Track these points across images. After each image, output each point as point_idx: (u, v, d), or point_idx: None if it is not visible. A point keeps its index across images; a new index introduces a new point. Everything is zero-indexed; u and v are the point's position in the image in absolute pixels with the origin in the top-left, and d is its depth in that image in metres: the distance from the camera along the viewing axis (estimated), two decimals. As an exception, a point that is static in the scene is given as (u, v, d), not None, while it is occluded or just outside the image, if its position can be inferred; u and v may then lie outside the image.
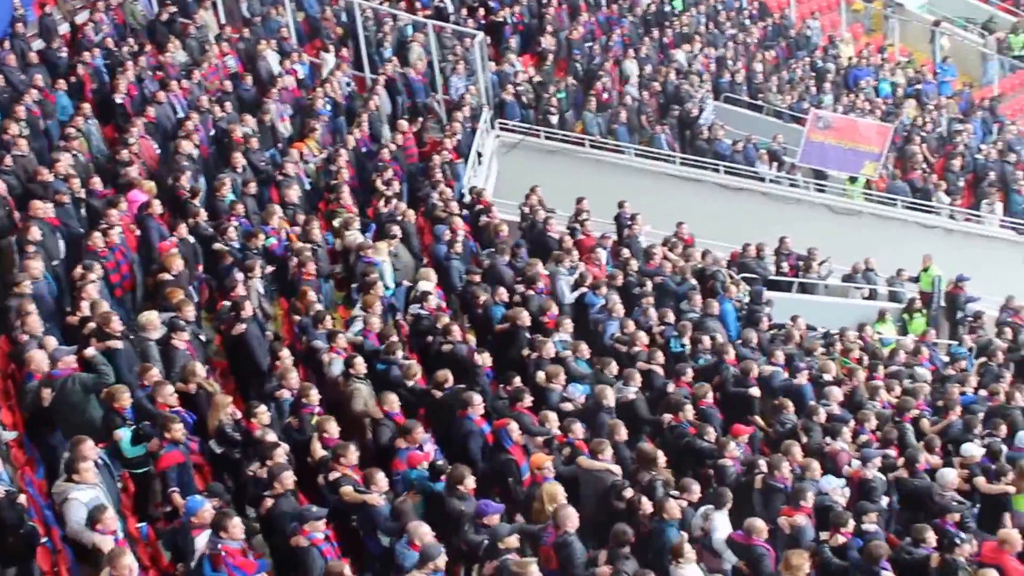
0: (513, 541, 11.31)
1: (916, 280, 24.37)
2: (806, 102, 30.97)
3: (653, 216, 22.61)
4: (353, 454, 12.29)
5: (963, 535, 12.68)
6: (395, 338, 15.00)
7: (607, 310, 17.59)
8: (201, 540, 10.61)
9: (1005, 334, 21.27)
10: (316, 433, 12.74)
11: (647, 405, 15.14)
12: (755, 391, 16.03)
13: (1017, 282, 24.74)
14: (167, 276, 15.14)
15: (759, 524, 12.19)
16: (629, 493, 12.65)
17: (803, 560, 11.67)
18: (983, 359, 19.94)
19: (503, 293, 17.08)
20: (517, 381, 14.57)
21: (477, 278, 17.40)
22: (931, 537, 12.57)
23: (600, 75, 28.74)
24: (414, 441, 12.85)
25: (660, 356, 16.32)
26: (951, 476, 14.18)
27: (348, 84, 24.65)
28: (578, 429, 13.67)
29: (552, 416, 13.90)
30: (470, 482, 12.18)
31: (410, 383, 14.26)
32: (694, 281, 19.73)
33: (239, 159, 19.03)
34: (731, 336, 18.31)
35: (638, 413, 14.80)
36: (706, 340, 17.10)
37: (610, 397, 14.52)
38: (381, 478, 11.97)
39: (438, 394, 14.16)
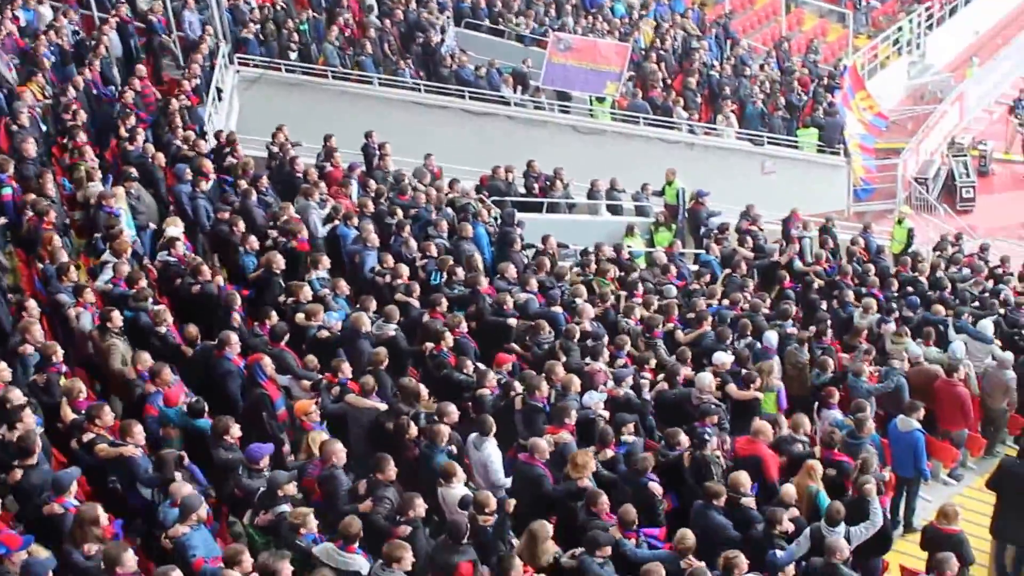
0: (291, 488, 11.23)
1: (661, 194, 25.03)
2: (546, 25, 31.25)
3: (401, 145, 22.58)
4: (108, 415, 11.91)
5: (710, 431, 13.19)
6: (144, 283, 14.56)
7: (362, 240, 17.46)
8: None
9: (747, 243, 22.08)
10: (64, 398, 12.28)
11: (406, 336, 15.14)
12: (512, 320, 16.21)
13: (755, 191, 25.75)
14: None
15: (542, 444, 12.43)
16: (396, 423, 12.73)
17: (588, 458, 12.01)
18: (727, 270, 20.64)
19: (254, 241, 16.73)
20: (274, 318, 14.38)
21: (226, 215, 17.02)
22: (684, 439, 13.07)
23: (341, 6, 28.33)
24: (164, 383, 12.56)
25: (417, 288, 16.33)
26: (707, 380, 14.67)
27: (75, 32, 23.55)
28: (346, 368, 13.58)
29: (314, 360, 13.80)
30: (235, 431, 12.01)
31: (161, 329, 13.92)
32: (448, 210, 19.77)
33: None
34: (486, 260, 18.45)
35: (399, 348, 14.78)
36: (460, 271, 17.18)
37: (367, 323, 14.51)
38: (138, 431, 11.66)
39: (189, 351, 13.88)
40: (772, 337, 16.50)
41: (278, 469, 11.72)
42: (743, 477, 12.27)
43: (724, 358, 15.58)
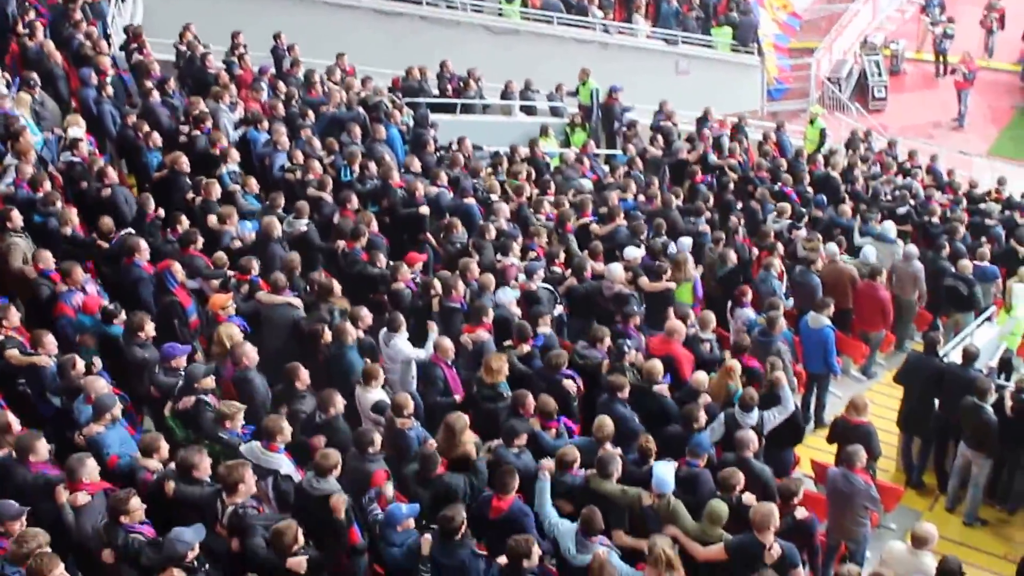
0: (209, 382, 11.16)
1: (575, 94, 24.85)
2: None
3: (311, 47, 22.19)
4: (15, 315, 11.71)
5: (630, 342, 13.23)
6: (48, 186, 14.14)
7: (273, 143, 17.17)
8: None
9: (658, 141, 22.07)
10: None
11: (319, 234, 14.98)
12: (424, 209, 16.09)
13: (670, 91, 25.66)
14: None
15: (445, 343, 12.43)
16: (309, 322, 12.64)
17: (502, 362, 12.02)
18: (640, 165, 20.63)
19: (157, 138, 16.37)
20: (185, 223, 14.11)
21: (132, 119, 16.62)
22: (607, 339, 13.10)
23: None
24: (75, 283, 12.34)
25: (329, 184, 16.12)
26: (618, 271, 14.76)
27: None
28: (255, 266, 13.42)
29: (224, 257, 13.60)
30: (150, 328, 11.87)
31: (68, 230, 13.58)
32: (360, 109, 19.50)
33: None
34: (399, 161, 18.28)
35: (311, 243, 14.61)
36: (372, 166, 16.97)
37: (279, 229, 14.31)
38: (50, 340, 11.45)
39: (104, 245, 13.58)
40: (686, 242, 16.52)
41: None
42: (657, 366, 12.42)
43: (635, 252, 15.64)
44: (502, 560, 9.35)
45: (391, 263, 14.21)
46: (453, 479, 10.35)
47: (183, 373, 11.40)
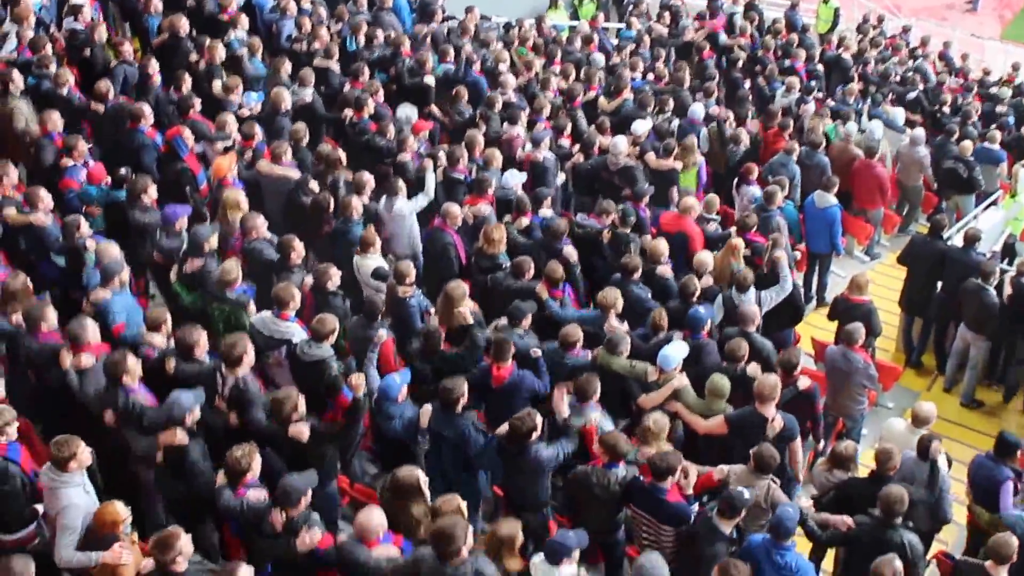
0: (214, 242, 11.17)
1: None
2: None
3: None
4: (14, 173, 11.70)
5: (639, 216, 13.23)
6: (48, 50, 13.97)
7: (279, 9, 16.92)
8: None
9: (664, 18, 21.78)
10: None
11: (324, 104, 14.85)
12: (430, 79, 15.91)
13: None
14: None
15: (454, 209, 12.44)
16: (315, 186, 12.60)
17: (502, 232, 12.05)
18: (648, 42, 20.40)
19: (158, 4, 16.11)
20: (187, 86, 13.98)
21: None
22: (613, 211, 13.06)
23: None
24: (80, 156, 12.25)
25: (335, 53, 15.94)
26: (623, 144, 14.63)
27: None
28: (259, 132, 13.33)
29: (230, 120, 13.47)
30: (152, 192, 11.83)
31: (64, 91, 13.43)
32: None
33: None
34: (406, 29, 18.06)
35: (316, 113, 14.50)
36: (380, 35, 16.77)
37: (287, 100, 14.15)
38: (44, 195, 11.42)
39: (100, 108, 13.46)
40: (697, 110, 16.44)
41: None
42: (661, 246, 12.40)
43: (643, 126, 15.53)
44: (503, 430, 9.41)
45: (399, 135, 14.08)
46: (455, 356, 10.39)
47: (184, 236, 11.41)
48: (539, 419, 9.30)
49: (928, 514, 9.78)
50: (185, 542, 7.66)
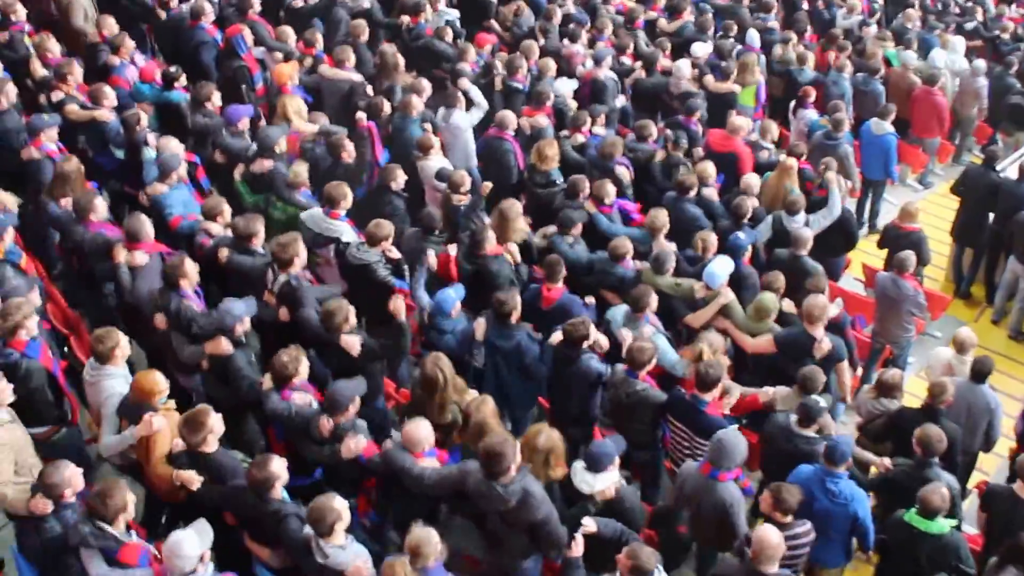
0: (283, 144, 11.19)
1: None
2: None
3: None
4: (78, 72, 11.77)
5: (684, 132, 13.14)
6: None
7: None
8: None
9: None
10: (35, 52, 12.00)
11: (383, 10, 14.79)
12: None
13: None
14: None
15: (510, 117, 12.41)
16: (371, 91, 12.58)
17: (554, 150, 12.03)
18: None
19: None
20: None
21: None
22: (654, 131, 13.05)
23: None
24: (126, 54, 12.33)
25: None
26: (685, 68, 14.57)
27: None
28: (319, 38, 13.32)
29: (289, 31, 13.48)
30: (216, 99, 11.88)
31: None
32: None
33: None
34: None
35: (375, 19, 14.46)
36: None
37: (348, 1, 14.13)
38: (109, 92, 11.52)
39: (163, 14, 13.48)
40: (754, 35, 16.28)
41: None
42: (709, 168, 12.37)
43: (703, 48, 15.42)
44: (556, 337, 9.43)
45: (459, 41, 14.02)
46: (498, 263, 10.41)
47: (249, 136, 11.45)
48: (593, 329, 9.34)
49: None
50: (215, 420, 7.67)
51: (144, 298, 9.30)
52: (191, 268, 9.17)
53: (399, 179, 11.14)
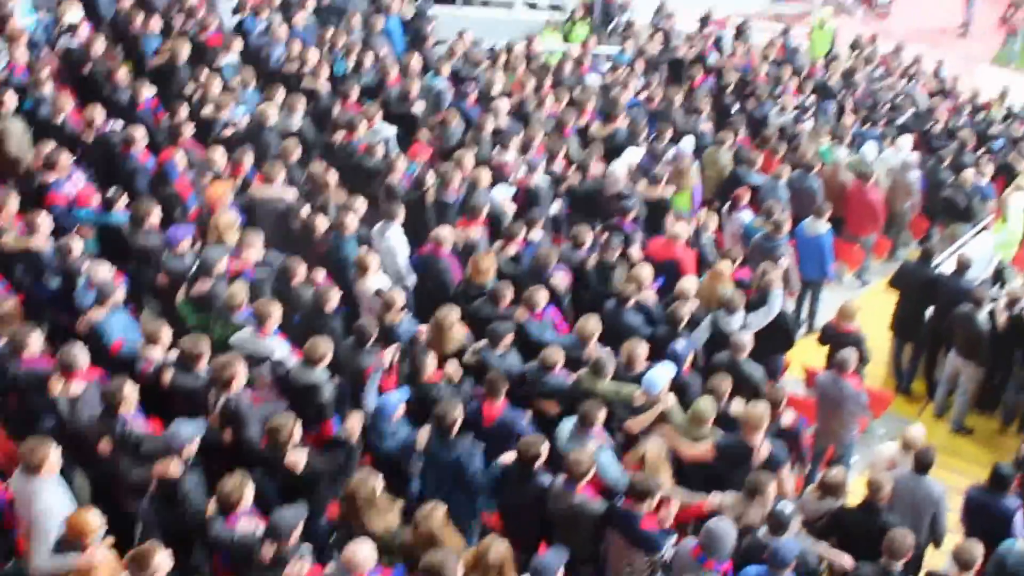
0: (223, 265, 11.11)
1: (578, -11, 24.50)
2: None
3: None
4: (13, 201, 11.64)
5: (617, 236, 13.12)
6: (44, 72, 13.94)
7: (270, 33, 16.92)
8: None
9: (655, 39, 21.83)
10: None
11: (315, 129, 14.86)
12: (417, 107, 15.92)
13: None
14: None
15: (444, 233, 12.38)
16: (305, 212, 12.57)
17: (491, 262, 11.99)
18: (640, 64, 20.45)
19: (155, 23, 16.12)
20: (183, 113, 13.92)
21: (128, 4, 16.35)
22: (588, 237, 13.02)
23: None
24: (63, 171, 12.26)
25: (326, 72, 15.97)
26: (620, 172, 14.64)
27: None
28: (249, 157, 13.29)
29: (219, 152, 13.40)
30: (156, 215, 11.82)
31: (60, 119, 13.43)
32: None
33: None
34: (397, 54, 18.07)
35: (305, 138, 14.47)
36: (368, 59, 16.78)
37: (273, 116, 14.17)
38: (44, 219, 11.37)
39: (90, 136, 13.44)
40: (688, 139, 16.37)
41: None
42: (645, 271, 12.34)
43: (636, 154, 15.53)
44: (508, 457, 9.38)
45: (389, 155, 14.07)
46: (437, 389, 10.26)
47: (190, 258, 11.40)
48: (546, 447, 9.27)
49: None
50: (162, 559, 7.55)
51: (85, 427, 9.18)
52: (131, 392, 9.09)
53: (333, 301, 11.06)
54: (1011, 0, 31.46)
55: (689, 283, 12.36)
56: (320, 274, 11.66)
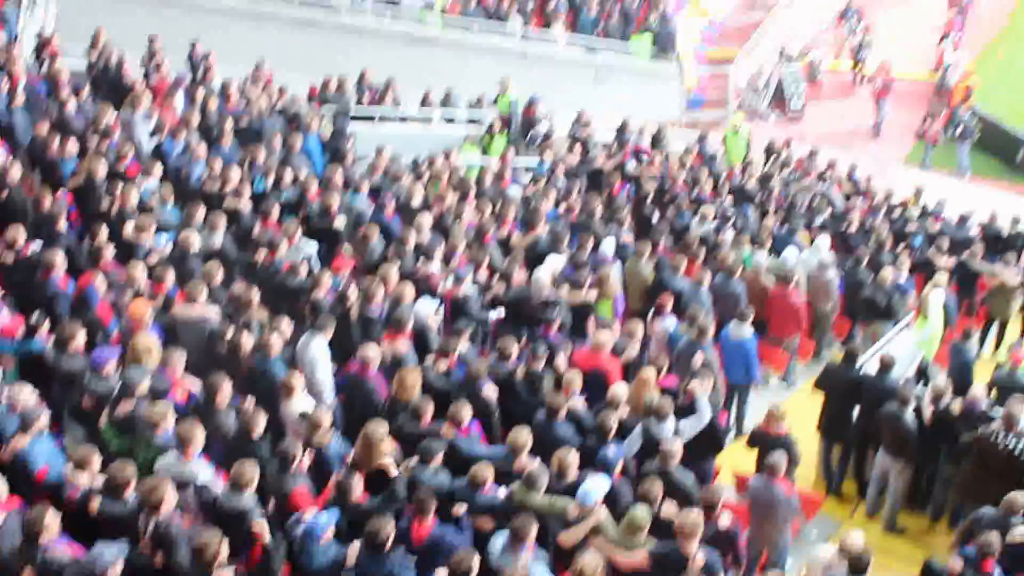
0: (145, 387, 10.93)
1: (494, 103, 24.82)
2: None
3: (229, 55, 21.90)
4: None
5: (543, 348, 13.11)
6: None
7: (190, 153, 16.86)
8: None
9: (574, 150, 22.10)
10: None
11: (236, 247, 14.76)
12: (339, 223, 15.93)
13: (588, 98, 25.79)
14: None
15: (370, 352, 12.25)
16: (229, 334, 12.43)
17: (416, 378, 11.88)
18: (560, 176, 20.66)
19: (71, 148, 15.98)
20: (103, 234, 13.76)
21: (45, 129, 16.23)
22: (515, 349, 13.00)
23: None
24: None
25: (248, 191, 15.93)
26: (544, 278, 14.73)
27: None
28: (170, 276, 13.16)
29: (139, 269, 13.29)
30: (81, 339, 11.61)
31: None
32: (278, 118, 19.30)
33: None
34: (317, 172, 18.09)
35: (228, 256, 14.37)
36: (287, 176, 16.79)
37: (196, 243, 14.06)
38: None
39: (9, 258, 13.23)
40: (609, 247, 16.55)
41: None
42: (575, 380, 12.36)
43: (558, 261, 15.63)
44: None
45: (315, 273, 14.01)
46: (370, 504, 10.18)
47: (114, 379, 11.21)
48: (477, 560, 9.13)
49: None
50: None
51: (6, 557, 8.90)
52: (52, 520, 8.85)
53: (259, 427, 10.87)
54: (927, 111, 32.15)
55: (619, 390, 12.35)
56: (249, 400, 11.51)
